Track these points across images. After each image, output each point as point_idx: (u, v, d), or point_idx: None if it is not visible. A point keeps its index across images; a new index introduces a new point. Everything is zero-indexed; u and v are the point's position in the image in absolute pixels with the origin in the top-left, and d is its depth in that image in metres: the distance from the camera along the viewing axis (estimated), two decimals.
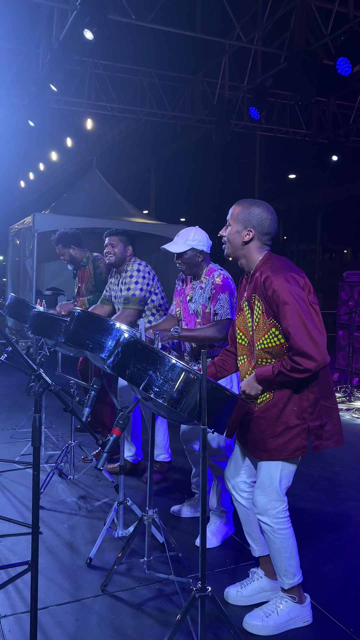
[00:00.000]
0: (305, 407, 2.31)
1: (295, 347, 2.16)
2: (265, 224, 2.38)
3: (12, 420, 5.61)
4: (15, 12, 7.74)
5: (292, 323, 2.16)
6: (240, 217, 2.39)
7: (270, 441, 2.33)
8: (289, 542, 2.40)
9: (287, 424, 2.31)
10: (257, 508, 2.40)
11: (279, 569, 2.43)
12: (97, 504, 3.70)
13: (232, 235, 2.40)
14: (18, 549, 3.06)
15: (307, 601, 2.50)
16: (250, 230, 2.37)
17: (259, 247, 2.40)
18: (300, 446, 2.33)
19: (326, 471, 4.47)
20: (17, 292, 11.37)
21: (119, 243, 3.94)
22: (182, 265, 3.21)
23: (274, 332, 2.28)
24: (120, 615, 2.51)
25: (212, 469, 3.23)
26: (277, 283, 2.21)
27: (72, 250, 4.70)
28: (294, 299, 2.18)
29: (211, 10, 8.07)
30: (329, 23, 7.85)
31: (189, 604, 2.11)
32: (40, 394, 1.89)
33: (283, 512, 2.39)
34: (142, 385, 2.09)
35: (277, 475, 2.37)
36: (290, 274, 2.25)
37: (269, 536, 2.39)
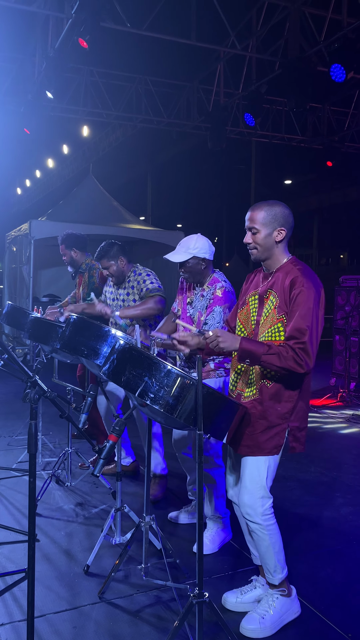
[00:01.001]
0: (290, 408, 2.37)
1: (305, 340, 2.23)
2: (290, 219, 2.46)
3: (9, 428, 5.60)
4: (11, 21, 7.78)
5: (309, 324, 2.24)
6: (267, 220, 2.42)
7: (255, 437, 2.37)
8: (277, 537, 2.44)
9: (270, 423, 2.36)
10: (245, 508, 2.41)
11: (269, 566, 2.45)
12: (95, 510, 3.70)
13: (264, 239, 2.43)
14: (15, 557, 3.05)
15: (294, 593, 2.56)
16: (282, 229, 2.42)
17: (284, 246, 2.47)
18: (278, 444, 2.39)
19: (323, 476, 4.47)
20: (13, 299, 11.36)
21: (109, 263, 3.87)
22: (185, 273, 3.19)
23: (278, 327, 2.34)
24: (117, 623, 2.50)
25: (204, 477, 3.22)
26: (307, 286, 2.30)
27: (73, 253, 4.70)
28: (316, 305, 2.28)
29: (206, 18, 8.13)
30: (323, 30, 7.90)
31: (186, 610, 2.11)
32: (36, 400, 1.90)
33: (269, 509, 2.43)
34: (138, 391, 2.10)
35: (264, 471, 2.39)
36: (319, 285, 2.37)
37: (258, 534, 2.41)
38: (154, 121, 11.35)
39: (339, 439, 5.51)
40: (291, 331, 2.26)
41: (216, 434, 2.19)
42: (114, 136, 15.90)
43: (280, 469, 2.51)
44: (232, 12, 8.13)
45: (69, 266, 4.79)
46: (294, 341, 2.24)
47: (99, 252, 3.91)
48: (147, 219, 23.05)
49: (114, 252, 3.88)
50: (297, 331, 2.24)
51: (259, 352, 2.22)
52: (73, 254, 4.69)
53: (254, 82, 9.34)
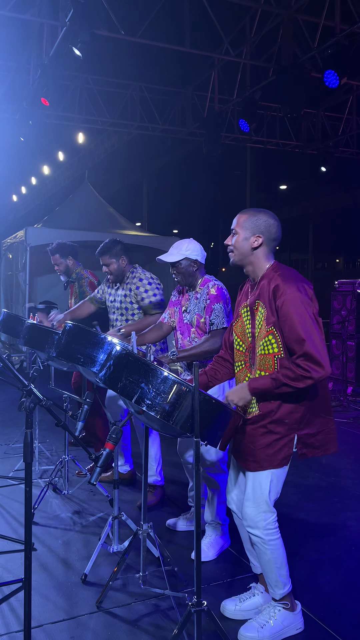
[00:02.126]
0: (297, 419, 2.32)
1: (309, 352, 2.16)
2: (273, 230, 2.41)
3: (6, 436, 5.57)
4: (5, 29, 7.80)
5: (305, 330, 2.19)
6: (247, 224, 2.41)
7: (260, 452, 2.34)
8: (279, 552, 2.40)
9: (277, 435, 2.32)
10: (247, 520, 2.39)
11: (270, 580, 2.42)
12: (92, 518, 3.67)
13: (240, 243, 2.41)
14: (12, 567, 3.02)
15: (299, 608, 2.51)
16: (259, 236, 2.39)
17: (266, 254, 2.42)
18: (288, 455, 2.36)
19: (322, 481, 4.46)
20: (9, 306, 11.35)
21: (110, 260, 3.86)
22: (177, 275, 3.23)
23: (269, 340, 2.29)
24: (116, 632, 2.48)
25: (207, 481, 3.21)
26: (289, 292, 2.24)
27: (69, 261, 4.71)
28: (305, 308, 2.22)
29: (200, 25, 8.17)
30: (316, 36, 7.95)
31: (184, 619, 2.09)
32: (32, 409, 1.89)
33: (273, 523, 2.38)
34: (134, 398, 2.09)
35: (267, 486, 2.36)
36: (302, 284, 2.29)
37: (259, 548, 2.38)
38: (149, 128, 11.38)
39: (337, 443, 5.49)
40: (290, 342, 2.22)
41: (213, 441, 2.17)
42: (110, 143, 15.94)
43: None
44: (225, 19, 8.18)
45: (62, 275, 4.78)
46: (296, 356, 2.20)
47: (102, 247, 3.89)
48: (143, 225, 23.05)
49: (117, 250, 3.87)
50: (295, 343, 2.20)
51: (270, 388, 2.22)
52: (69, 262, 4.70)
53: (248, 89, 9.39)
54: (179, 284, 3.31)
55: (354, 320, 7.72)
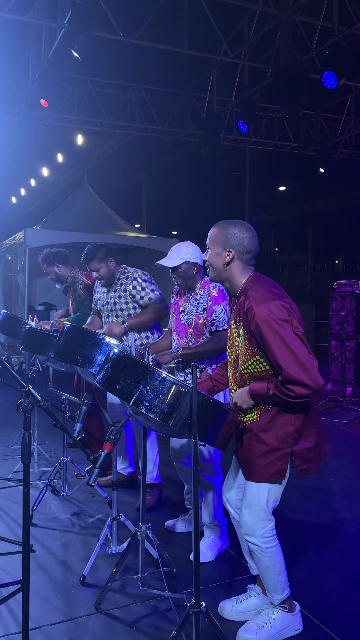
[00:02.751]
0: (291, 432, 2.28)
1: (289, 377, 2.10)
2: (244, 242, 2.33)
3: (5, 437, 5.56)
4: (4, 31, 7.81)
5: (281, 355, 2.11)
6: (218, 239, 2.35)
7: (253, 462, 2.32)
8: (277, 559, 2.38)
9: (269, 447, 2.28)
10: (244, 528, 2.37)
11: (269, 586, 2.41)
12: (91, 520, 3.67)
13: (213, 259, 2.36)
14: (10, 568, 3.02)
15: (297, 609, 2.50)
16: (229, 251, 2.32)
17: (241, 269, 2.35)
18: (281, 470, 2.30)
19: (321, 482, 4.46)
20: (8, 308, 11.34)
21: (99, 265, 3.84)
22: (177, 279, 3.23)
23: (258, 359, 2.26)
24: (114, 634, 2.47)
25: (201, 484, 3.20)
26: (260, 315, 2.15)
27: (56, 269, 4.68)
28: (279, 328, 2.13)
29: (198, 27, 8.18)
30: (314, 37, 7.97)
31: (183, 620, 2.09)
32: (30, 410, 1.88)
33: (270, 531, 2.37)
34: (132, 400, 2.09)
35: (265, 495, 2.34)
36: (274, 302, 2.17)
37: (257, 555, 2.37)
38: (147, 129, 11.39)
39: (336, 445, 5.49)
40: (275, 367, 2.16)
41: (212, 442, 2.17)
42: (109, 144, 15.96)
43: None
44: (224, 20, 8.19)
45: (56, 283, 4.77)
46: (281, 378, 2.14)
47: (86, 254, 3.84)
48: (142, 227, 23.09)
49: (103, 254, 3.83)
50: (276, 367, 2.14)
51: (264, 393, 2.20)
52: (57, 270, 4.67)
53: (247, 90, 9.40)
54: (179, 287, 3.31)
55: (353, 321, 7.72)
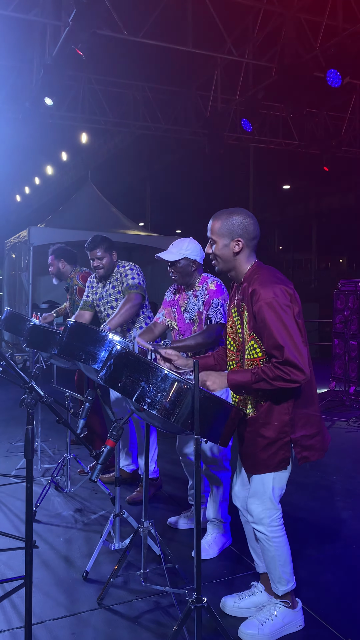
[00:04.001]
0: (287, 421, 2.30)
1: (286, 357, 2.13)
2: (250, 229, 2.36)
3: (9, 434, 5.59)
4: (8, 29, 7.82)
5: (281, 337, 2.14)
6: (223, 231, 2.36)
7: (256, 455, 2.34)
8: (284, 549, 2.40)
9: (269, 439, 2.30)
10: (252, 517, 2.40)
11: (274, 576, 2.42)
12: (94, 516, 3.69)
13: (221, 250, 2.37)
14: (14, 564, 3.04)
15: (299, 606, 2.51)
16: (239, 240, 2.35)
17: (247, 255, 2.38)
18: (284, 458, 2.33)
19: (324, 480, 4.47)
20: (13, 305, 11.38)
21: (104, 254, 3.91)
22: (175, 274, 3.25)
23: (252, 345, 2.29)
24: (116, 629, 2.49)
25: (210, 478, 3.22)
26: (265, 296, 2.19)
27: (61, 264, 4.72)
28: (282, 312, 2.17)
29: (202, 25, 8.16)
30: (319, 35, 7.95)
31: (185, 615, 2.10)
32: (33, 406, 1.90)
33: (277, 520, 2.39)
34: (134, 396, 2.10)
35: (270, 485, 2.37)
36: (279, 286, 2.22)
37: (263, 544, 2.39)
38: (151, 127, 11.40)
39: (339, 443, 5.49)
40: (269, 349, 2.19)
41: (214, 438, 2.18)
42: (113, 143, 15.99)
43: None
44: (228, 18, 8.17)
45: (54, 277, 4.79)
46: (275, 360, 2.16)
47: (92, 241, 3.91)
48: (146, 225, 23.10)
49: (107, 245, 3.93)
50: (274, 349, 2.16)
51: (248, 382, 2.20)
52: (60, 265, 4.72)
53: (251, 88, 9.39)
54: (176, 282, 3.33)
55: (357, 319, 7.72)
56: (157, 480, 4.10)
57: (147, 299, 4.00)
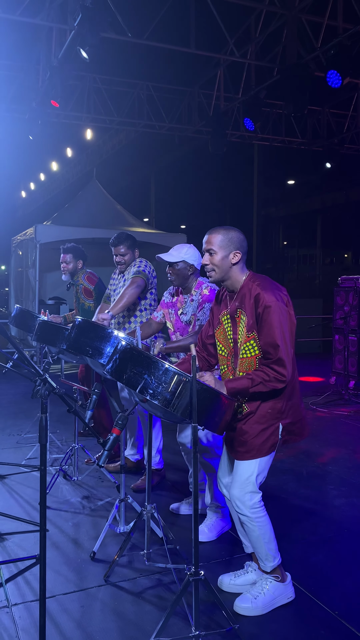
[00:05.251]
0: (279, 408, 2.56)
1: (282, 358, 2.43)
2: (245, 244, 2.64)
3: (18, 427, 5.81)
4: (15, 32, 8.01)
5: (280, 337, 2.44)
6: (224, 243, 2.60)
7: (250, 442, 2.56)
8: (266, 528, 2.62)
9: (264, 425, 2.55)
10: (235, 501, 2.61)
11: (260, 554, 2.63)
12: (100, 503, 3.90)
13: (221, 261, 2.60)
14: (26, 545, 3.25)
15: (289, 579, 2.73)
16: (237, 252, 2.60)
17: (241, 267, 2.64)
18: (274, 442, 2.59)
19: (320, 470, 4.66)
20: (20, 302, 11.59)
21: (127, 251, 4.19)
22: (172, 275, 3.46)
23: (251, 344, 2.52)
24: (122, 603, 2.70)
25: (204, 466, 3.42)
26: (269, 300, 2.47)
27: (78, 264, 4.96)
28: (281, 317, 2.47)
29: (205, 27, 8.33)
30: (320, 36, 8.09)
31: (183, 587, 2.30)
32: (46, 396, 2.10)
33: (258, 503, 2.61)
34: (138, 388, 2.30)
35: (255, 471, 2.59)
36: (278, 292, 2.53)
37: (247, 526, 2.60)
38: (155, 126, 11.56)
39: (337, 435, 5.69)
40: (265, 347, 2.46)
41: (211, 426, 2.38)
42: (117, 139, 16.14)
43: (278, 463, 2.73)
44: (230, 20, 8.33)
45: (67, 274, 5.00)
46: (269, 359, 2.45)
47: (117, 237, 4.20)
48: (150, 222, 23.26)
49: (131, 243, 4.22)
50: (270, 347, 2.44)
51: (246, 387, 2.45)
52: (78, 265, 4.95)
53: (253, 88, 9.54)
54: (172, 284, 3.54)
55: (356, 315, 7.89)
56: (161, 470, 4.31)
57: (153, 286, 4.20)
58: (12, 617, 2.57)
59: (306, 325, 9.19)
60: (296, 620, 2.60)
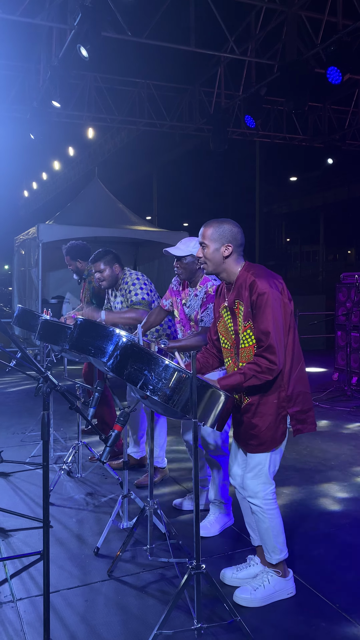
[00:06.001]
0: (284, 397, 2.57)
1: (270, 342, 2.43)
2: (238, 237, 2.64)
3: (22, 425, 5.85)
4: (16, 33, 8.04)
5: (271, 324, 2.45)
6: (215, 236, 2.62)
7: (261, 436, 2.58)
8: (276, 521, 2.64)
9: (272, 415, 2.56)
10: (248, 491, 2.64)
11: (268, 546, 2.66)
12: (104, 499, 3.94)
13: (212, 254, 2.62)
14: (31, 541, 3.29)
15: (290, 575, 2.75)
16: (229, 245, 2.61)
17: (236, 259, 2.64)
18: (284, 430, 2.61)
19: (321, 466, 4.68)
20: (23, 301, 11.63)
21: (105, 267, 4.12)
22: (179, 269, 3.47)
23: (248, 333, 2.54)
24: (125, 597, 2.74)
25: (209, 463, 3.46)
26: (262, 287, 2.48)
27: (78, 264, 5.00)
28: (274, 304, 2.47)
29: (205, 24, 8.34)
30: (320, 32, 8.09)
31: (185, 580, 2.34)
32: (48, 393, 2.13)
33: (271, 494, 2.63)
34: (138, 384, 2.33)
35: (267, 462, 2.61)
36: (272, 280, 2.53)
37: (258, 516, 2.62)
38: (157, 124, 11.58)
39: (339, 431, 5.71)
40: (257, 334, 2.48)
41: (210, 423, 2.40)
42: (119, 137, 16.16)
43: (281, 460, 2.74)
44: (230, 17, 8.34)
45: (75, 274, 5.07)
46: (261, 347, 2.46)
47: (95, 256, 4.17)
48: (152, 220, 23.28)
49: (109, 259, 4.15)
50: (262, 334, 2.46)
51: (239, 383, 2.46)
52: (78, 265, 4.99)
53: (254, 85, 9.55)
54: (179, 278, 3.55)
55: (358, 312, 7.90)
56: (164, 469, 4.33)
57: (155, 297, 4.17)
58: (17, 612, 2.61)
59: (308, 322, 9.22)
60: (297, 612, 2.62)
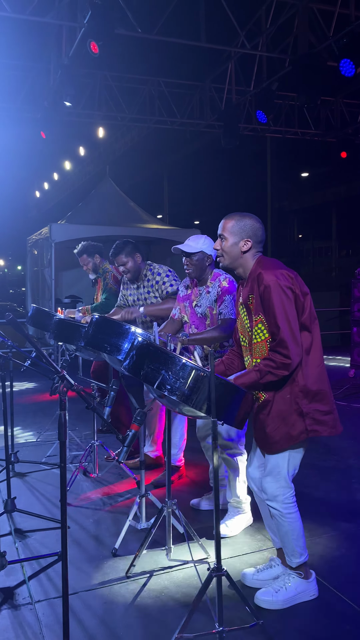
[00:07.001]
0: (297, 392, 2.48)
1: (284, 339, 2.36)
2: (259, 233, 2.58)
3: (38, 424, 5.85)
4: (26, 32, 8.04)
5: (281, 317, 2.38)
6: (235, 230, 2.57)
7: (276, 434, 2.51)
8: (296, 524, 2.57)
9: (285, 413, 2.48)
10: (267, 494, 2.58)
11: (288, 549, 2.60)
12: (121, 499, 3.91)
13: (230, 247, 2.57)
14: (48, 542, 3.27)
15: (313, 577, 2.69)
16: (248, 240, 2.56)
17: (253, 255, 2.59)
18: (302, 430, 2.49)
19: (340, 464, 4.61)
20: (36, 301, 11.66)
21: (127, 259, 4.10)
22: (189, 266, 3.43)
23: (260, 327, 2.48)
24: (144, 599, 2.70)
25: (226, 462, 3.41)
26: (268, 278, 2.42)
27: (96, 259, 4.99)
28: (283, 294, 2.40)
29: (215, 19, 8.27)
30: (332, 25, 7.99)
31: (205, 582, 2.29)
32: (65, 393, 2.10)
33: (291, 498, 2.56)
34: (155, 384, 2.29)
35: (285, 465, 2.54)
36: (280, 271, 2.46)
37: (278, 520, 2.57)
38: (167, 122, 11.52)
39: (357, 428, 5.63)
40: (270, 328, 2.42)
41: (230, 421, 2.36)
42: (130, 136, 16.13)
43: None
44: (240, 11, 8.26)
45: (91, 273, 5.05)
46: (274, 342, 2.40)
47: (114, 249, 4.13)
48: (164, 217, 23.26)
49: (129, 249, 4.11)
50: (274, 327, 2.40)
51: (256, 380, 2.40)
52: (96, 260, 4.98)
53: (265, 80, 9.45)
54: (189, 276, 3.50)
55: None
56: (181, 468, 4.29)
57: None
58: (35, 614, 2.58)
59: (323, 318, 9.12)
60: (320, 615, 2.57)
